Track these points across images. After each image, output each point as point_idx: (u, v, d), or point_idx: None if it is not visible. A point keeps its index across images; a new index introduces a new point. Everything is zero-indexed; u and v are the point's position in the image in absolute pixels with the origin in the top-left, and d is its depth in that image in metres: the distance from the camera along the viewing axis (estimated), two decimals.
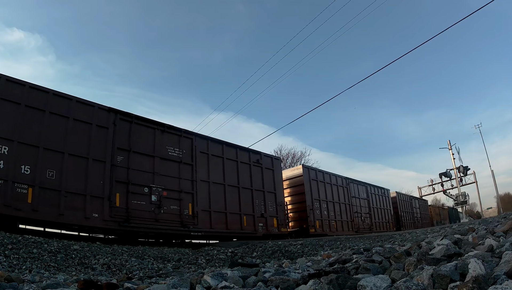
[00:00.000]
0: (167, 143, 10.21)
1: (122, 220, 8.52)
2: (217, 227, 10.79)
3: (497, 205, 35.96)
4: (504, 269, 1.89)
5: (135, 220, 8.79)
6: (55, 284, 3.03)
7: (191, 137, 11.02)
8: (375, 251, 4.13)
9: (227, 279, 2.87)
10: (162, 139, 10.11)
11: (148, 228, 9.06)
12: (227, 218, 11.15)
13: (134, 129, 9.52)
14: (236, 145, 12.55)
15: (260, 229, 12.16)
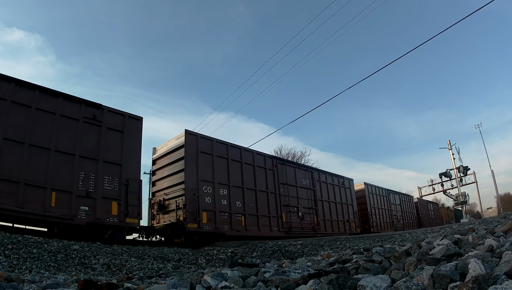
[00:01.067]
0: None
1: None
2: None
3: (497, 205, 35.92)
4: (504, 269, 1.89)
5: None
6: (55, 284, 3.03)
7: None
8: (375, 251, 4.14)
9: (227, 279, 2.87)
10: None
11: None
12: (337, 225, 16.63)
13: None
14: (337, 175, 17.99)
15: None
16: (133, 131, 9.91)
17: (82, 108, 8.92)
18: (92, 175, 8.66)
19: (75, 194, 8.22)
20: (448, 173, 31.47)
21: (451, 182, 31.85)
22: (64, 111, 8.56)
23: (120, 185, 9.12)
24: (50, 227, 7.92)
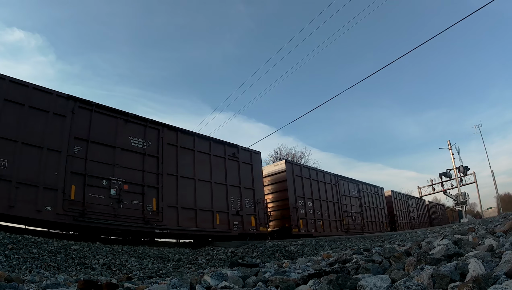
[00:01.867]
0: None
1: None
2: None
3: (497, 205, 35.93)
4: (504, 269, 1.89)
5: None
6: (55, 284, 3.03)
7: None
8: (375, 251, 4.14)
9: (227, 279, 2.87)
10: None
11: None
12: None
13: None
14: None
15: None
16: (256, 163, 13.18)
17: (226, 148, 12.04)
18: (238, 198, 11.82)
19: (230, 213, 11.33)
20: (448, 173, 31.47)
21: (451, 182, 31.86)
22: (216, 152, 11.66)
23: (254, 204, 12.33)
24: (215, 238, 10.88)
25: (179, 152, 10.53)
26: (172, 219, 9.68)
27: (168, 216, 9.58)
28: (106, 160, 8.78)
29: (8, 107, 7.43)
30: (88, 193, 8.15)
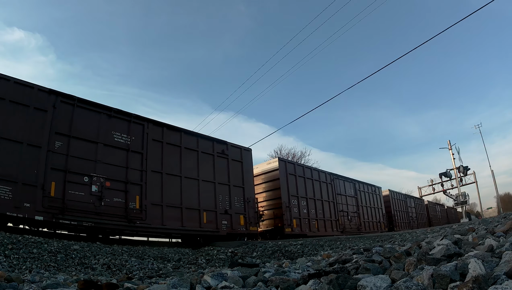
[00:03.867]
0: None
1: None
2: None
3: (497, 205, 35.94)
4: (504, 269, 1.89)
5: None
6: (55, 284, 3.03)
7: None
8: (375, 251, 4.13)
9: (227, 279, 2.87)
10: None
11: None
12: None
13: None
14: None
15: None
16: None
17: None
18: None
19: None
20: (448, 173, 31.44)
21: (451, 182, 31.82)
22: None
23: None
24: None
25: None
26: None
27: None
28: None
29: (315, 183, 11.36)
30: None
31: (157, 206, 9.57)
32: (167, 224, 9.64)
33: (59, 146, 8.06)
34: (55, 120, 8.09)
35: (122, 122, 9.51)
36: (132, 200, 9.07)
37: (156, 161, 9.93)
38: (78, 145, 8.46)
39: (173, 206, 9.94)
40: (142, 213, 9.15)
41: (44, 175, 7.65)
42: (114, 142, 9.20)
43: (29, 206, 7.25)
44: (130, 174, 9.23)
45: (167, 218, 9.68)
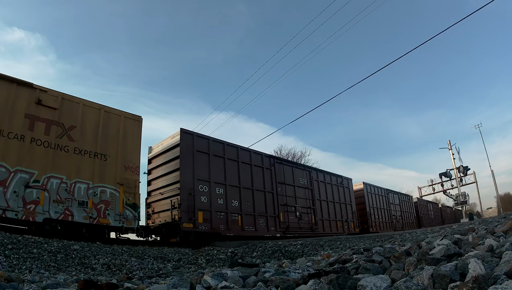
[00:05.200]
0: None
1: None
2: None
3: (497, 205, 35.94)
4: (504, 269, 1.89)
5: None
6: (55, 284, 3.03)
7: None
8: (375, 251, 4.13)
9: (227, 279, 2.87)
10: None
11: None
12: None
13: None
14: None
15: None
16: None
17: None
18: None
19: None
20: (448, 173, 31.46)
21: (451, 182, 31.85)
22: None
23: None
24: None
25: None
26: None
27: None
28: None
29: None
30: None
31: (323, 220, 16.05)
32: (326, 230, 15.92)
33: (279, 190, 13.82)
34: (275, 174, 13.81)
35: (302, 171, 15.74)
36: (311, 218, 15.27)
37: (319, 192, 16.25)
38: (287, 188, 14.36)
39: (329, 220, 16.47)
40: (317, 225, 15.40)
41: (278, 209, 13.44)
42: (300, 184, 15.25)
43: (273, 229, 12.98)
44: (309, 202, 15.37)
45: (326, 227, 16.07)
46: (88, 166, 8.57)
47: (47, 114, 8.16)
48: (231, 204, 11.55)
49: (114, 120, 9.37)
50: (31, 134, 7.80)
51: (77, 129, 8.60)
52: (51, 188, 7.79)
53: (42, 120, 8.06)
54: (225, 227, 11.10)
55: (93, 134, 8.85)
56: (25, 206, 7.32)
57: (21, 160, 7.54)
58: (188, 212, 10.10)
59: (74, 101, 8.74)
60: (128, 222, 8.94)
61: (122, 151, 9.27)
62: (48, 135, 8.08)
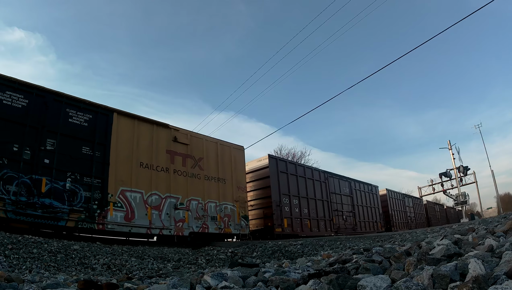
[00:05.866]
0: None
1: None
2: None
3: (497, 205, 35.95)
4: (504, 269, 1.89)
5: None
6: (55, 284, 3.03)
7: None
8: (375, 251, 4.13)
9: (227, 279, 2.87)
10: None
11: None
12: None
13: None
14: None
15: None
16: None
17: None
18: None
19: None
20: (448, 173, 31.47)
21: (451, 182, 31.86)
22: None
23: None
24: None
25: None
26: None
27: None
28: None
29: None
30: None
31: (360, 222, 18.37)
32: (363, 230, 17.78)
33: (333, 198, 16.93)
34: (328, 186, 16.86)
35: (345, 182, 18.32)
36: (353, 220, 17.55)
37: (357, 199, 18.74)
38: (336, 197, 17.09)
39: (364, 221, 18.61)
40: (357, 225, 17.72)
41: (331, 214, 15.86)
42: (344, 193, 17.86)
43: (329, 229, 15.09)
44: (350, 207, 17.79)
45: (363, 227, 18.17)
46: (214, 188, 10.94)
47: (182, 149, 10.31)
48: (303, 211, 14.51)
49: (227, 151, 11.81)
50: (173, 166, 9.90)
51: (204, 160, 10.86)
52: (192, 208, 10.06)
53: (179, 154, 10.19)
54: (300, 229, 13.93)
55: (215, 164, 11.20)
56: (175, 224, 9.50)
57: (169, 188, 9.57)
58: (277, 219, 12.95)
59: (198, 138, 11.10)
60: (243, 229, 11.51)
61: (234, 175, 11.73)
62: (185, 166, 10.24)
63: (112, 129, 8.79)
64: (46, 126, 7.70)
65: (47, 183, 7.45)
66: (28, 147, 7.38)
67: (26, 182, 7.24)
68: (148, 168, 9.29)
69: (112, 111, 8.95)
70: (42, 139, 7.57)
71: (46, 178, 7.44)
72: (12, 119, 7.26)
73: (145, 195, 9.06)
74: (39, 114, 7.66)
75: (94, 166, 8.25)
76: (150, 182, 9.20)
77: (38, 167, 7.39)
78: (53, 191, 7.51)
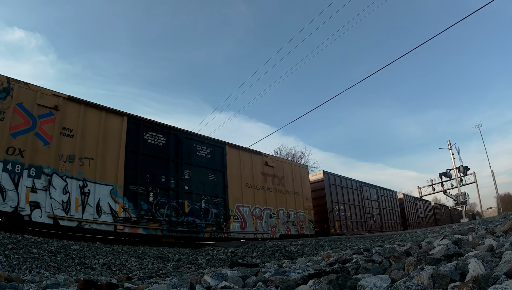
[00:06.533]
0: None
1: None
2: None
3: (497, 205, 35.97)
4: (504, 269, 1.89)
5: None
6: (55, 284, 3.02)
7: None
8: (375, 251, 4.13)
9: (227, 279, 2.87)
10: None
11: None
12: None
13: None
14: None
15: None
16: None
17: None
18: None
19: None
20: (448, 173, 31.48)
21: (451, 182, 31.88)
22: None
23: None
24: None
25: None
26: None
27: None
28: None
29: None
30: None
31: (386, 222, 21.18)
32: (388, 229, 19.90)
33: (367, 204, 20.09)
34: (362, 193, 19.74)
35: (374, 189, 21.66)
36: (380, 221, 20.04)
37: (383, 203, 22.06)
38: (368, 202, 20.05)
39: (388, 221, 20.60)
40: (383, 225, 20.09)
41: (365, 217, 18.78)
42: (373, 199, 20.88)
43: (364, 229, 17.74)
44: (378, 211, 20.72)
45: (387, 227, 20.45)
46: (292, 200, 13.88)
47: (270, 171, 13.19)
48: (347, 215, 17.72)
49: (297, 169, 14.90)
50: (266, 185, 12.80)
51: (284, 178, 13.78)
52: (280, 216, 13.00)
53: (269, 175, 13.08)
54: (346, 229, 16.99)
55: (291, 180, 14.16)
56: (271, 229, 12.40)
57: (265, 202, 12.47)
58: (331, 222, 16.27)
59: (279, 161, 14.44)
60: (311, 231, 14.43)
61: (303, 188, 14.70)
62: (273, 184, 13.17)
63: (226, 159, 11.32)
64: (183, 160, 9.86)
65: (188, 205, 9.68)
66: (172, 177, 9.40)
67: (174, 205, 9.31)
68: (251, 187, 12.07)
69: (225, 144, 11.52)
70: (181, 171, 9.70)
71: (188, 201, 9.67)
72: (158, 156, 9.23)
73: (251, 208, 11.84)
74: (175, 150, 9.74)
75: (218, 188, 10.74)
76: (253, 198, 11.99)
77: (181, 192, 9.52)
78: (193, 210, 9.77)
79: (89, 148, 7.92)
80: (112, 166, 8.22)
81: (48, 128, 7.40)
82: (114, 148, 8.37)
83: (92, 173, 7.85)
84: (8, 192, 6.61)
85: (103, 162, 8.08)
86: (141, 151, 8.88)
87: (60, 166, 7.42)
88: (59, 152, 7.45)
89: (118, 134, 8.51)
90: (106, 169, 8.10)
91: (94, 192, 7.79)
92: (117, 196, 8.17)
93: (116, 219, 8.07)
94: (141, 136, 8.92)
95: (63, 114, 7.65)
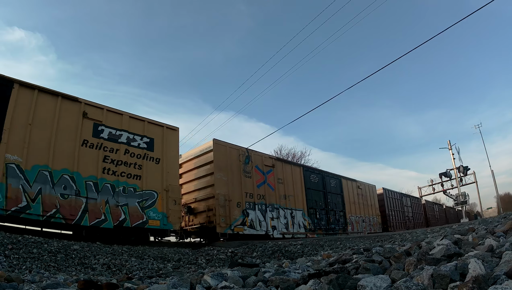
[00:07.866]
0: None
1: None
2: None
3: (497, 205, 35.97)
4: (504, 269, 1.89)
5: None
6: (55, 284, 3.03)
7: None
8: (375, 251, 4.13)
9: (227, 279, 2.87)
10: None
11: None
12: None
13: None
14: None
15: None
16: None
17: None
18: None
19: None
20: (448, 173, 31.47)
21: (451, 182, 31.86)
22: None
23: None
24: None
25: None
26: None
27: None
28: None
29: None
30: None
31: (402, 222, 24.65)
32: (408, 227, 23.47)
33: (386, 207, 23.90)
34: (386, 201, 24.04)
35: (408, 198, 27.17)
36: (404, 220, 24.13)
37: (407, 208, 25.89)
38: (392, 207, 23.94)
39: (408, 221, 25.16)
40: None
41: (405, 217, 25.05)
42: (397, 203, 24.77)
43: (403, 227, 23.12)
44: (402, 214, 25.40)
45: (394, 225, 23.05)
46: (371, 210, 20.67)
47: (360, 191, 19.99)
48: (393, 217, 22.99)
49: (371, 189, 21.32)
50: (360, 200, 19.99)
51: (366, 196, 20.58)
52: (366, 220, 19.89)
53: (360, 194, 19.88)
54: (395, 227, 21.94)
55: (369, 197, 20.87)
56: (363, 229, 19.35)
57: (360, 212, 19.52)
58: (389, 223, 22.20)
59: (363, 184, 20.58)
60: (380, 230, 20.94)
61: (374, 202, 21.33)
62: (362, 200, 20.11)
63: (343, 187, 18.22)
64: (325, 190, 16.62)
65: (331, 217, 16.35)
66: (321, 201, 16.13)
67: (325, 217, 16.05)
68: (354, 203, 18.82)
69: (340, 177, 18.38)
70: (326, 196, 16.49)
71: (331, 214, 16.41)
72: (316, 189, 16.02)
73: (355, 216, 18.53)
74: (323, 184, 16.63)
75: (340, 204, 17.52)
76: (355, 210, 18.74)
77: (328, 209, 16.35)
78: (333, 220, 16.44)
79: (288, 190, 14.20)
80: (300, 197, 14.79)
81: (271, 179, 13.39)
82: (299, 188, 14.93)
83: (293, 204, 14.21)
84: (261, 222, 12.34)
85: (296, 197, 14.48)
86: (309, 187, 15.52)
87: (281, 202, 13.52)
88: (279, 193, 13.57)
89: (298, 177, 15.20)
90: (297, 200, 14.52)
91: (296, 215, 14.17)
92: (304, 216, 14.68)
93: (305, 229, 14.54)
94: (307, 177, 15.61)
95: (276, 170, 13.80)
